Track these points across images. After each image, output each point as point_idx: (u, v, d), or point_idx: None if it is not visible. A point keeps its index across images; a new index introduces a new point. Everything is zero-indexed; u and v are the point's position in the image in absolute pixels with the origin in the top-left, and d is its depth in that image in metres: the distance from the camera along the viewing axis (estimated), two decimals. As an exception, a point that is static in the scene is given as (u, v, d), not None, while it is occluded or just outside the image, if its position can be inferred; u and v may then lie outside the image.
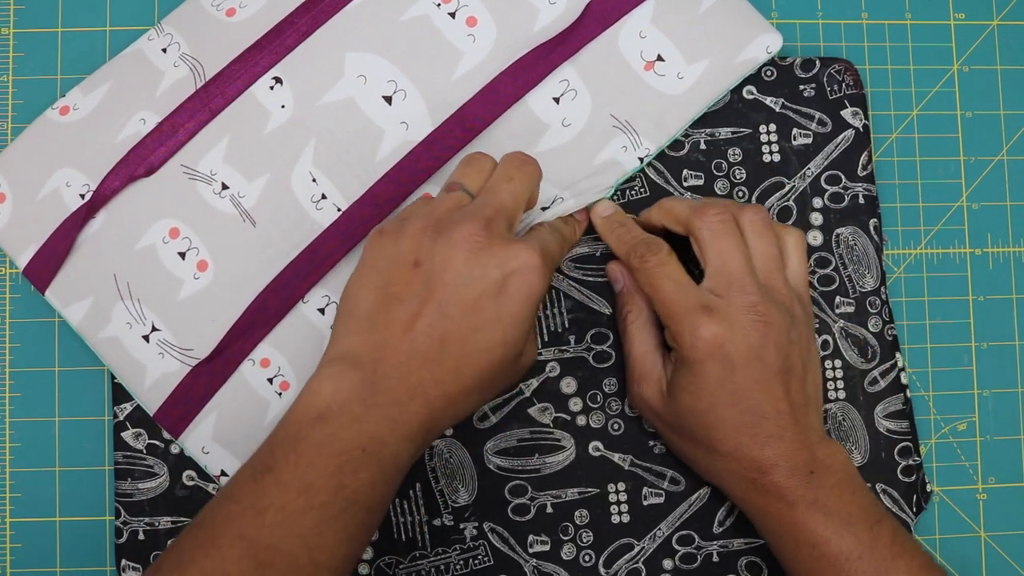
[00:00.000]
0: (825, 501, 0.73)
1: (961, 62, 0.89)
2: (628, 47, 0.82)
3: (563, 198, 0.80)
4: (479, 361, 0.70)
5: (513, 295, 0.70)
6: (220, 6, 0.82)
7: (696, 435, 0.76)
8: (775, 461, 0.74)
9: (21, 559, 0.82)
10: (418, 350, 0.69)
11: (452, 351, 0.69)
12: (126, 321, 0.79)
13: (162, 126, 0.80)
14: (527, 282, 0.70)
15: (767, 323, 0.74)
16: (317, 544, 0.65)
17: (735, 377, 0.74)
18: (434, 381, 0.69)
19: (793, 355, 0.75)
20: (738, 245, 0.77)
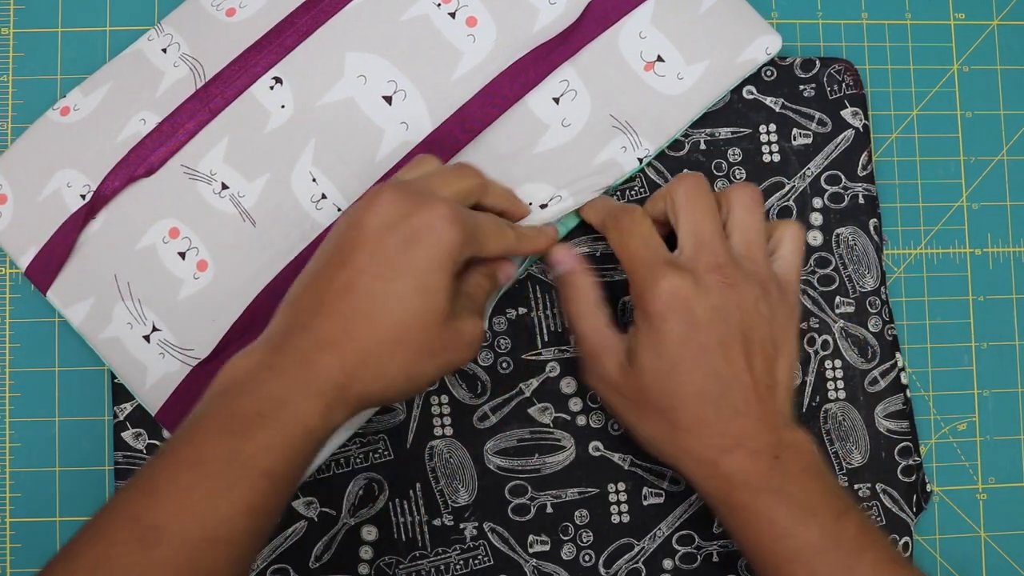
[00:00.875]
0: (790, 489, 0.72)
1: (961, 62, 0.89)
2: (628, 47, 0.82)
3: (561, 196, 0.80)
4: (393, 311, 0.67)
5: (422, 245, 0.68)
6: (220, 6, 0.82)
7: (659, 404, 0.74)
8: (738, 440, 0.72)
9: (21, 559, 0.82)
10: (324, 302, 0.67)
11: (361, 301, 0.67)
12: (127, 321, 0.79)
13: (162, 126, 0.80)
14: (437, 230, 0.68)
15: (732, 286, 0.73)
16: (212, 518, 0.62)
17: (698, 336, 0.73)
18: (345, 334, 0.67)
19: (759, 327, 0.74)
20: (711, 208, 0.76)
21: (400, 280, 0.67)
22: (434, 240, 0.68)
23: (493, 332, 0.83)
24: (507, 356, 0.83)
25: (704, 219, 0.76)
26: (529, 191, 0.80)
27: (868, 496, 0.83)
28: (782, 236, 0.78)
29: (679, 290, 0.73)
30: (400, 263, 0.67)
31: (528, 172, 0.80)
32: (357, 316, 0.67)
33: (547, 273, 0.83)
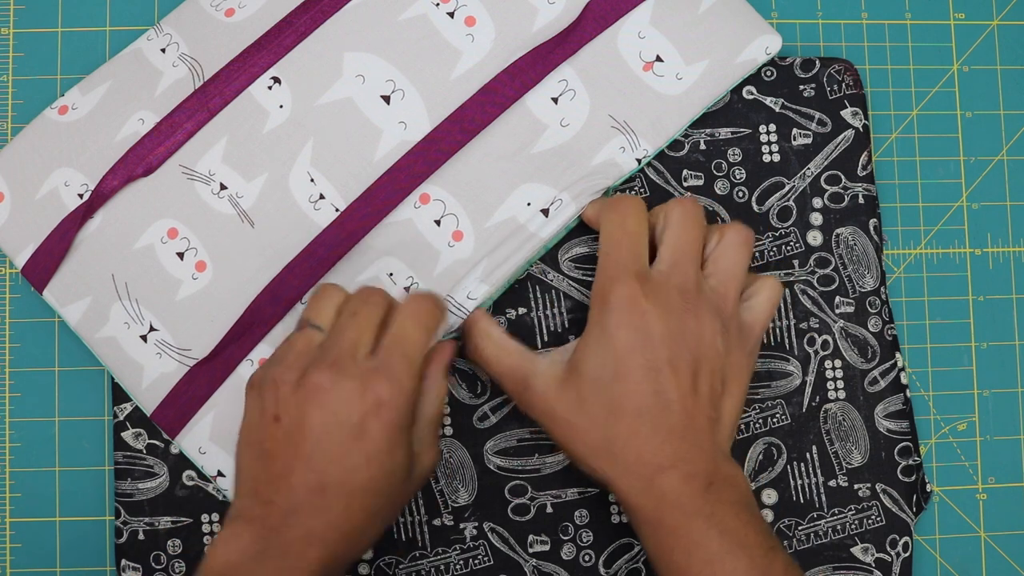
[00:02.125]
0: (723, 517, 0.72)
1: (961, 62, 0.89)
2: (627, 47, 0.82)
3: (562, 200, 0.80)
4: (365, 498, 0.70)
5: (374, 432, 0.70)
6: (219, 6, 0.82)
7: (595, 416, 0.74)
8: (673, 461, 0.72)
9: (21, 559, 0.82)
10: (301, 503, 0.69)
11: (335, 496, 0.70)
12: (124, 321, 0.79)
13: (161, 126, 0.80)
14: (384, 419, 0.70)
15: (693, 312, 0.74)
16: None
17: (647, 351, 0.73)
18: (326, 526, 0.70)
19: (712, 359, 0.74)
20: (698, 235, 0.76)
21: (363, 471, 0.70)
22: (385, 426, 0.70)
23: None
24: (507, 356, 0.83)
25: (688, 242, 0.76)
26: (527, 192, 0.80)
27: (868, 496, 0.83)
28: (761, 287, 0.78)
29: (638, 304, 0.73)
30: (358, 456, 0.70)
31: (526, 172, 0.80)
32: (335, 510, 0.70)
33: (546, 274, 0.83)
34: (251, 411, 0.73)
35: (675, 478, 0.72)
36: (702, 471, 0.72)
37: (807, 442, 0.83)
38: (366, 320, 0.73)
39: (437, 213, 0.80)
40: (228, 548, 0.69)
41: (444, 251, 0.80)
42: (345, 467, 0.69)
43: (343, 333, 0.72)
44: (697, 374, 0.73)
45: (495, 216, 0.80)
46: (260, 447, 0.71)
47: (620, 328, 0.73)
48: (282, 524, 0.69)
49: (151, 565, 0.81)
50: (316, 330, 0.73)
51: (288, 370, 0.71)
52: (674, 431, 0.73)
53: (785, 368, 0.84)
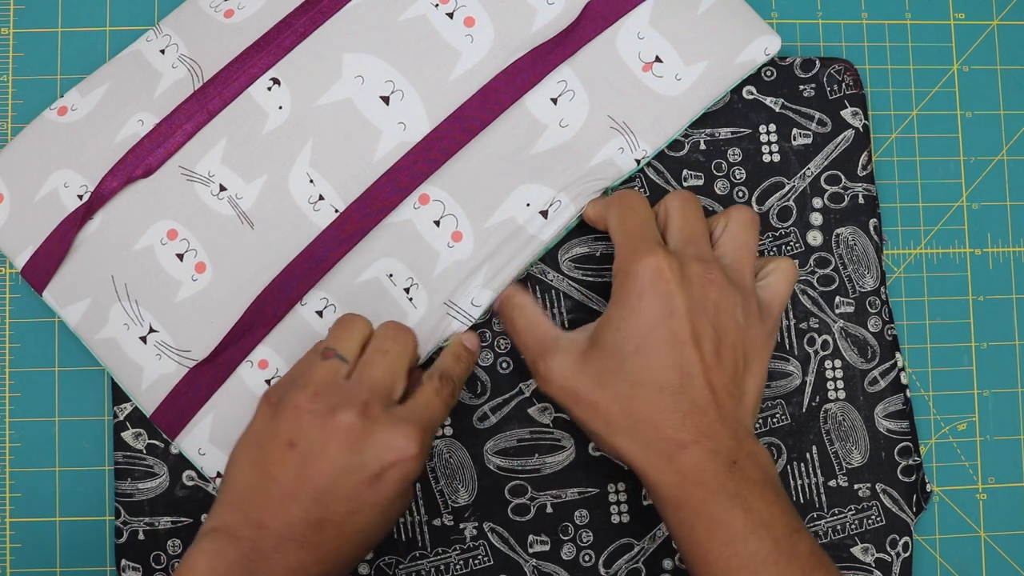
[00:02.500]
0: (747, 496, 0.70)
1: (961, 62, 0.89)
2: (626, 48, 0.82)
3: (560, 201, 0.80)
4: (358, 541, 0.71)
5: (389, 484, 0.70)
6: (218, 8, 0.82)
7: (616, 390, 0.73)
8: (696, 437, 0.71)
9: (21, 559, 0.82)
10: (295, 533, 0.69)
11: (330, 534, 0.69)
12: (123, 322, 0.79)
13: (160, 127, 0.80)
14: (403, 471, 0.70)
15: (713, 283, 0.73)
16: None
17: (671, 323, 0.72)
18: (314, 561, 0.69)
19: (733, 333, 0.73)
20: (701, 215, 0.76)
21: (365, 516, 0.70)
22: (400, 480, 0.71)
23: (493, 332, 0.83)
24: (507, 356, 0.83)
25: (694, 221, 0.76)
26: (526, 192, 0.80)
27: (868, 496, 0.83)
28: (776, 267, 0.78)
29: (663, 271, 0.72)
30: (366, 500, 0.70)
31: (525, 173, 0.80)
32: (327, 547, 0.70)
33: (546, 274, 0.83)
34: (261, 429, 0.72)
35: (698, 454, 0.71)
36: (725, 448, 0.71)
37: (807, 442, 0.83)
38: (397, 361, 0.73)
39: (436, 214, 0.80)
40: (211, 563, 0.68)
41: (443, 252, 0.80)
42: (350, 509, 0.70)
43: (372, 371, 0.72)
44: (720, 349, 0.73)
45: (494, 217, 0.80)
46: (264, 467, 0.70)
47: (644, 299, 0.72)
48: (272, 551, 0.69)
49: (151, 565, 0.81)
50: (341, 361, 0.73)
51: (313, 399, 0.71)
52: (697, 406, 0.71)
53: (785, 368, 0.84)
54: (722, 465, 0.71)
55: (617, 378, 0.73)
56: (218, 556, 0.68)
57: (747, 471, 0.71)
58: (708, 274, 0.73)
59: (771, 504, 0.71)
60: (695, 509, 0.71)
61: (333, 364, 0.73)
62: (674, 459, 0.71)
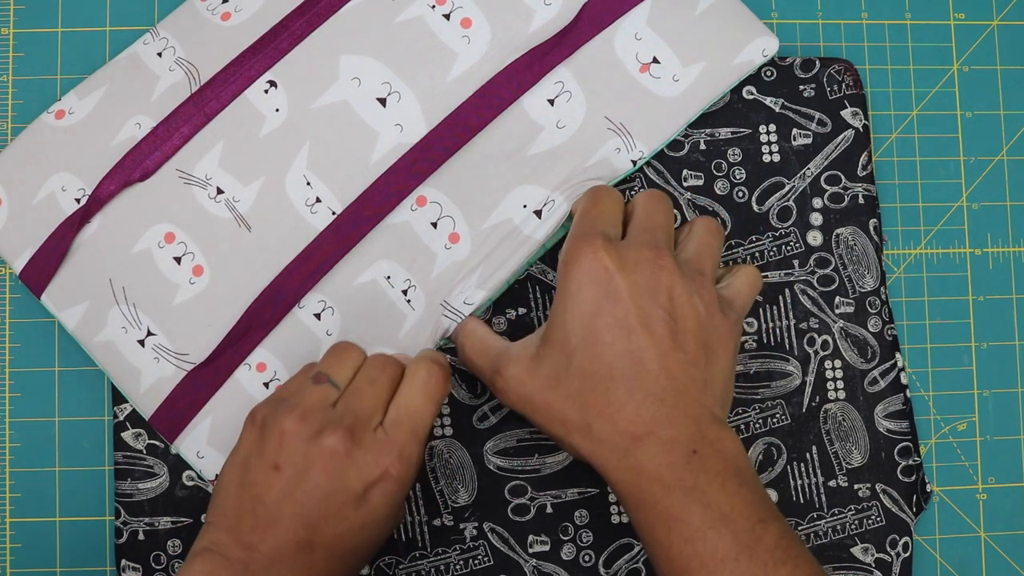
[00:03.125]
0: (705, 489, 0.68)
1: (961, 62, 0.89)
2: (623, 49, 0.81)
3: (554, 200, 0.80)
4: (349, 560, 0.71)
5: (374, 504, 0.70)
6: (215, 10, 0.82)
7: (568, 389, 0.72)
8: (650, 427, 0.69)
9: (21, 559, 0.82)
10: (286, 556, 0.69)
11: (320, 555, 0.69)
12: (121, 326, 0.79)
13: (157, 130, 0.80)
14: (386, 491, 0.70)
15: (663, 268, 0.71)
16: None
17: (614, 310, 0.70)
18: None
19: (692, 318, 0.71)
20: (668, 213, 0.76)
21: (354, 536, 0.71)
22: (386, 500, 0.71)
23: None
24: (507, 356, 0.83)
25: (655, 214, 0.75)
26: (523, 193, 0.80)
27: (868, 496, 0.83)
28: (737, 271, 0.78)
29: (601, 258, 0.71)
30: (353, 522, 0.70)
31: (523, 174, 0.80)
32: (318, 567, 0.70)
33: (546, 274, 0.83)
34: (248, 449, 0.72)
35: (653, 448, 0.69)
36: (684, 437, 0.69)
37: (807, 442, 0.83)
38: (383, 390, 0.73)
39: (434, 215, 0.80)
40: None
41: (441, 253, 0.80)
42: (338, 530, 0.70)
43: (360, 399, 0.72)
44: (676, 334, 0.71)
45: (491, 218, 0.80)
46: (251, 489, 0.70)
47: (583, 288, 0.71)
48: (264, 572, 0.68)
49: (151, 565, 0.81)
50: (332, 387, 0.73)
51: (300, 423, 0.70)
52: (652, 394, 0.70)
53: (785, 368, 0.84)
54: (680, 457, 0.69)
55: (568, 374, 0.72)
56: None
57: (708, 461, 0.69)
58: (659, 259, 0.72)
59: (733, 495, 0.69)
60: (652, 506, 0.69)
61: (324, 389, 0.73)
62: (629, 454, 0.70)
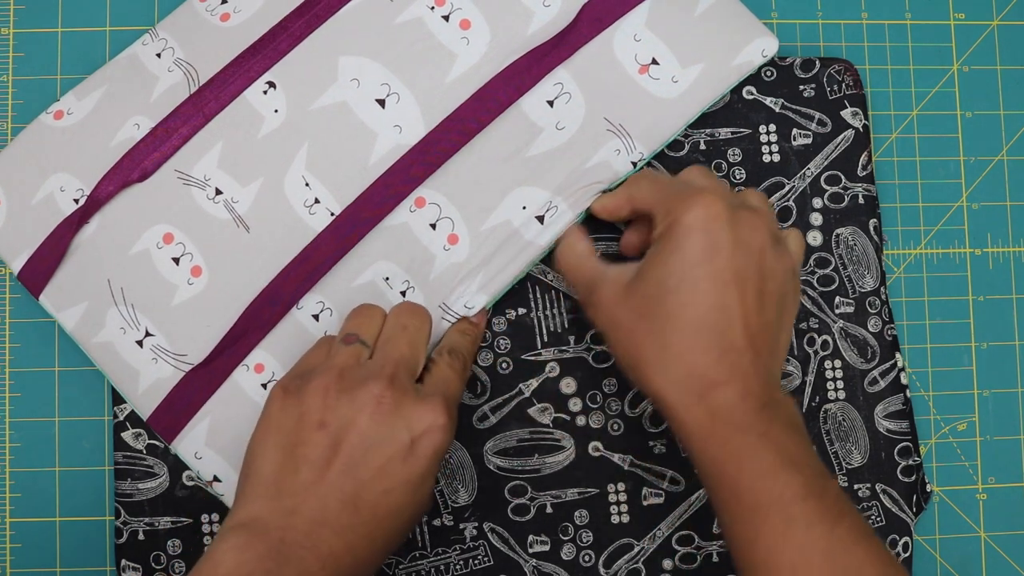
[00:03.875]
0: (778, 436, 0.69)
1: (961, 62, 0.89)
2: (622, 50, 0.81)
3: (557, 207, 0.80)
4: (392, 524, 0.70)
5: (421, 456, 0.70)
6: (215, 11, 0.82)
7: (654, 324, 0.71)
8: (728, 377, 0.70)
9: (21, 559, 0.82)
10: (329, 516, 0.68)
11: (365, 516, 0.68)
12: (119, 326, 0.80)
13: (156, 131, 0.80)
14: (434, 441, 0.70)
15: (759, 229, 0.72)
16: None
17: (715, 262, 0.70)
18: (346, 548, 0.68)
19: (775, 280, 0.72)
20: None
21: (398, 493, 0.69)
22: (432, 452, 0.70)
23: (493, 332, 0.83)
24: (507, 356, 0.83)
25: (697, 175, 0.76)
26: (522, 195, 0.80)
27: (868, 496, 0.83)
28: (790, 236, 0.77)
29: (713, 208, 0.71)
30: (399, 476, 0.69)
31: (522, 175, 0.80)
32: (360, 531, 0.68)
33: (546, 274, 0.83)
34: (284, 416, 0.71)
35: (730, 393, 0.69)
36: (757, 390, 0.70)
37: (807, 442, 0.83)
38: (417, 335, 0.74)
39: (432, 217, 0.80)
40: (238, 558, 0.66)
41: (440, 255, 0.80)
42: (385, 487, 0.69)
43: (395, 346, 0.73)
44: (761, 295, 0.71)
45: (490, 219, 0.80)
46: (292, 451, 0.69)
47: (692, 234, 0.71)
48: (303, 539, 0.67)
49: (151, 565, 0.81)
50: (362, 346, 0.73)
51: (340, 379, 0.70)
52: (733, 347, 0.70)
53: (785, 368, 0.84)
54: (753, 406, 0.69)
55: (656, 312, 0.71)
56: (245, 551, 0.66)
57: (778, 413, 0.70)
58: (757, 219, 0.72)
59: (799, 446, 0.69)
60: (724, 443, 0.69)
61: (355, 348, 0.73)
62: (705, 397, 0.70)
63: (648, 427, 0.83)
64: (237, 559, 0.66)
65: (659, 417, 0.83)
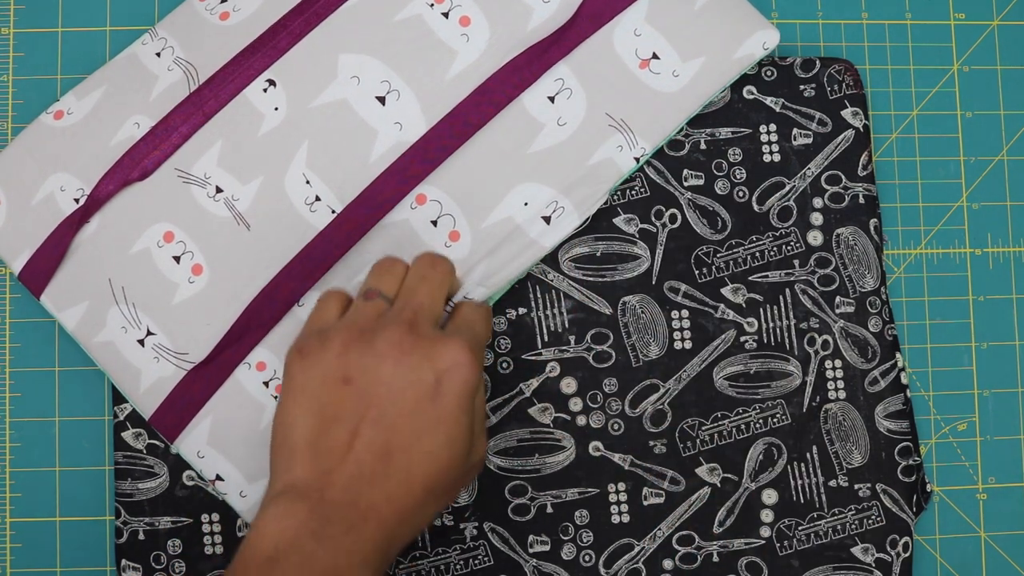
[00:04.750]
0: None
1: (961, 62, 0.89)
2: (623, 45, 0.82)
3: (564, 207, 0.80)
4: (428, 469, 0.68)
5: (449, 394, 0.69)
6: (214, 10, 0.82)
7: None
8: None
9: (21, 559, 0.82)
10: (364, 470, 0.67)
11: (399, 463, 0.68)
12: (121, 326, 0.79)
13: (156, 130, 0.80)
14: (461, 378, 0.69)
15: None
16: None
17: None
18: (386, 499, 0.68)
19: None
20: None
21: (430, 435, 0.68)
22: (460, 389, 0.69)
23: (493, 332, 0.83)
24: (507, 356, 0.83)
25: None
26: (524, 191, 0.80)
27: (868, 496, 0.83)
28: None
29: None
30: (429, 417, 0.68)
31: (523, 172, 0.80)
32: (396, 479, 0.68)
33: (546, 274, 0.83)
34: (306, 378, 0.70)
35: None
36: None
37: (807, 442, 0.83)
38: (436, 286, 0.73)
39: (433, 214, 0.80)
40: (281, 525, 0.66)
41: (441, 251, 0.80)
42: (414, 429, 0.68)
43: (414, 295, 0.72)
44: None
45: (492, 216, 0.80)
46: (321, 411, 0.69)
47: None
48: (342, 495, 0.67)
49: (151, 565, 0.81)
50: (383, 300, 0.73)
51: (360, 334, 0.70)
52: None
53: (785, 368, 0.84)
54: None
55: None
56: (287, 517, 0.66)
57: None
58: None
59: None
60: None
61: (376, 304, 0.73)
62: None
63: (648, 427, 0.83)
64: (280, 526, 0.66)
65: (659, 417, 0.83)
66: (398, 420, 0.68)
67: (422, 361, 0.69)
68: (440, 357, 0.69)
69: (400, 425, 0.68)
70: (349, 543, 0.66)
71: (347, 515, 0.67)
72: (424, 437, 0.68)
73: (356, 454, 0.68)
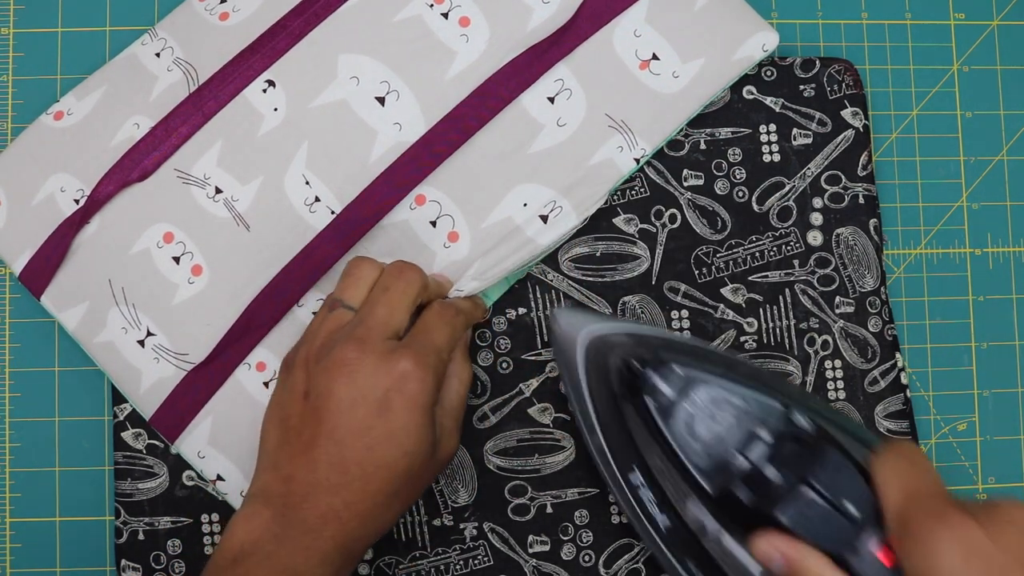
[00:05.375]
0: None
1: (961, 62, 0.89)
2: (623, 46, 0.82)
3: (562, 207, 0.80)
4: (384, 477, 0.70)
5: (397, 408, 0.70)
6: (213, 10, 0.82)
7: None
8: None
9: (21, 559, 0.82)
10: (321, 479, 0.70)
11: (354, 473, 0.70)
12: (121, 326, 0.80)
13: (155, 130, 0.80)
14: (407, 392, 0.70)
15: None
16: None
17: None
18: (344, 504, 0.70)
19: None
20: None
21: (383, 448, 0.70)
22: (408, 403, 0.70)
23: (493, 332, 0.83)
24: (507, 356, 0.83)
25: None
26: (523, 192, 0.80)
27: (868, 496, 0.83)
28: None
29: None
30: (380, 432, 0.70)
31: (523, 172, 0.80)
32: (353, 488, 0.70)
33: (546, 274, 0.83)
34: (280, 391, 0.74)
35: None
36: None
37: (807, 442, 0.83)
38: (398, 297, 0.74)
39: (433, 214, 0.80)
40: (247, 527, 0.70)
41: (440, 252, 0.80)
42: (366, 443, 0.70)
43: (373, 310, 0.73)
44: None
45: (491, 217, 0.80)
46: (286, 424, 0.72)
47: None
48: (302, 501, 0.69)
49: (151, 565, 0.81)
50: (346, 310, 0.74)
51: (320, 348, 0.72)
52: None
53: (785, 368, 0.84)
54: None
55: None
56: (254, 518, 0.70)
57: None
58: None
59: None
60: None
61: (339, 314, 0.74)
62: None
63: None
64: (247, 527, 0.70)
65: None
66: (348, 437, 0.70)
67: (368, 379, 0.70)
68: (386, 373, 0.70)
69: (351, 441, 0.70)
70: (308, 543, 0.69)
71: (306, 518, 0.69)
72: (377, 450, 0.70)
73: (314, 464, 0.70)
